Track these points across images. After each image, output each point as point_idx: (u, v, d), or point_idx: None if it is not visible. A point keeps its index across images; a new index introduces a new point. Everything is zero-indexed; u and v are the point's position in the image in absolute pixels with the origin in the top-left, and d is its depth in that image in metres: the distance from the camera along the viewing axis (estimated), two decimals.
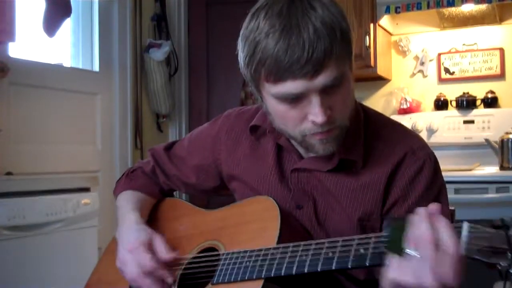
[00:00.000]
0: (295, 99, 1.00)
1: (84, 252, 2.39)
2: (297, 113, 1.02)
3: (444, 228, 0.82)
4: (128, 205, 1.33)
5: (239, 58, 1.06)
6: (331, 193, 1.15)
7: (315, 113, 1.00)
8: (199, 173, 1.35)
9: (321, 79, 0.97)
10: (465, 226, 0.82)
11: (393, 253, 0.85)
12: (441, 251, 0.80)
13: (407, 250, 0.83)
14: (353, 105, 1.10)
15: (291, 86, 0.98)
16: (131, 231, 1.24)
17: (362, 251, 0.92)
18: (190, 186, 1.39)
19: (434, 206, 0.86)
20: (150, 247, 1.19)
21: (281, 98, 1.01)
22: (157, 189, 1.42)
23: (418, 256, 0.82)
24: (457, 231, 0.82)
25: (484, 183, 2.59)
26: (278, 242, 1.05)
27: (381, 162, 1.13)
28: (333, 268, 0.95)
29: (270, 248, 1.04)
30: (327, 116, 1.00)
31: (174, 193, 1.48)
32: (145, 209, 1.36)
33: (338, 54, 0.97)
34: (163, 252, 1.19)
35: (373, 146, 1.14)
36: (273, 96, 1.03)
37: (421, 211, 0.86)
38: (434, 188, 1.13)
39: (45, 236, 2.26)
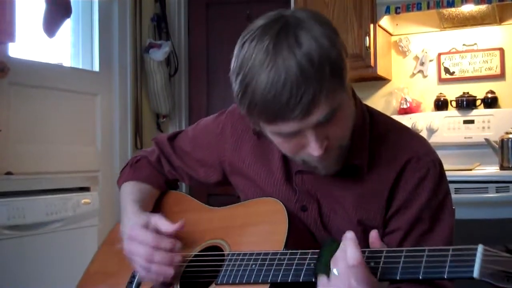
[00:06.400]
0: (290, 135, 0.99)
1: (84, 252, 2.38)
2: (294, 145, 1.02)
3: (349, 247, 0.89)
4: (129, 196, 1.31)
5: (233, 88, 1.02)
6: (334, 197, 1.14)
7: (311, 147, 0.99)
8: (204, 168, 1.34)
9: (313, 118, 0.95)
10: (480, 249, 0.82)
11: (321, 273, 0.93)
12: (351, 266, 0.87)
13: (333, 270, 0.90)
14: (352, 123, 1.07)
15: (284, 127, 0.97)
16: (130, 221, 1.22)
17: (373, 264, 0.91)
18: (195, 180, 1.38)
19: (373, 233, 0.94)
20: (148, 227, 1.17)
21: (276, 134, 1.01)
22: (162, 179, 1.40)
23: (337, 274, 0.89)
24: (472, 254, 0.82)
25: (484, 183, 2.59)
26: (285, 246, 1.04)
27: (386, 167, 1.11)
28: None
29: (277, 253, 1.03)
30: (323, 148, 0.99)
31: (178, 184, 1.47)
32: (148, 200, 1.34)
33: (328, 90, 0.93)
34: (164, 225, 1.16)
35: (378, 150, 1.13)
36: (268, 131, 1.03)
37: (347, 235, 0.91)
38: (438, 196, 1.11)
39: (45, 236, 2.27)
